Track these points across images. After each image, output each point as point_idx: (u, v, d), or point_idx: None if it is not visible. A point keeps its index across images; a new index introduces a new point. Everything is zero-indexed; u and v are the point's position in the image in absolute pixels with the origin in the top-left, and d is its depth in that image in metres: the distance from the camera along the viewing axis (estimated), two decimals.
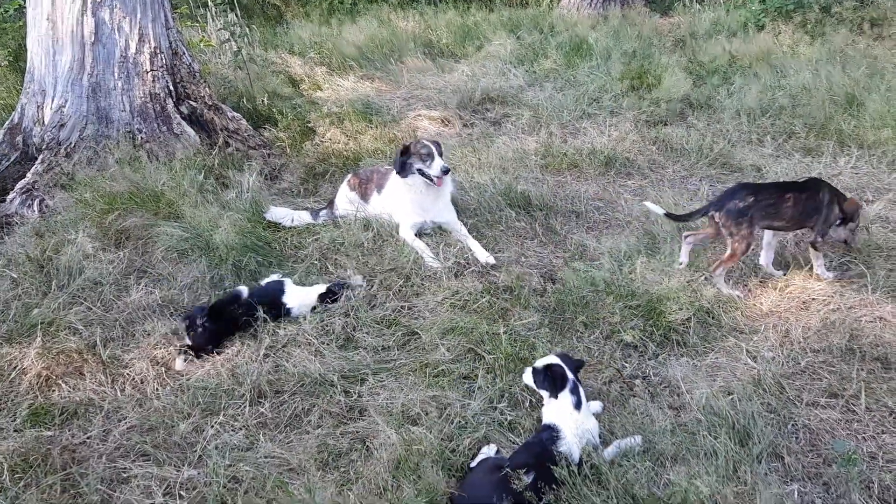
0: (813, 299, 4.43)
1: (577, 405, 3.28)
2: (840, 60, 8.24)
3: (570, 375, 3.37)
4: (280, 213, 5.45)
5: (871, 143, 6.43)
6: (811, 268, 4.68)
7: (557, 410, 3.29)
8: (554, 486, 2.94)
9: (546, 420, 3.30)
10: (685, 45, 9.80)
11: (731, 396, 3.56)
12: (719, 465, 3.09)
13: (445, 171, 5.01)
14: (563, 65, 9.02)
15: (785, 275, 4.67)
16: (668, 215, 4.82)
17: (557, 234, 5.34)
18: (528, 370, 3.51)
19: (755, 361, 3.89)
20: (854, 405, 3.56)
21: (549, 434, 3.17)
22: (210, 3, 8.93)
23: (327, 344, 4.11)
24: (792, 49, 9.01)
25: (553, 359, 3.46)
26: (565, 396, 3.31)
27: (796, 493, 3.04)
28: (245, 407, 3.67)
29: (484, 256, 4.92)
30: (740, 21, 10.25)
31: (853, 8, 10.01)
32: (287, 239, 5.19)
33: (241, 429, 3.54)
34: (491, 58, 9.52)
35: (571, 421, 3.21)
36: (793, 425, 3.46)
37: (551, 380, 3.37)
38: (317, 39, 9.83)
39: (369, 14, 11.15)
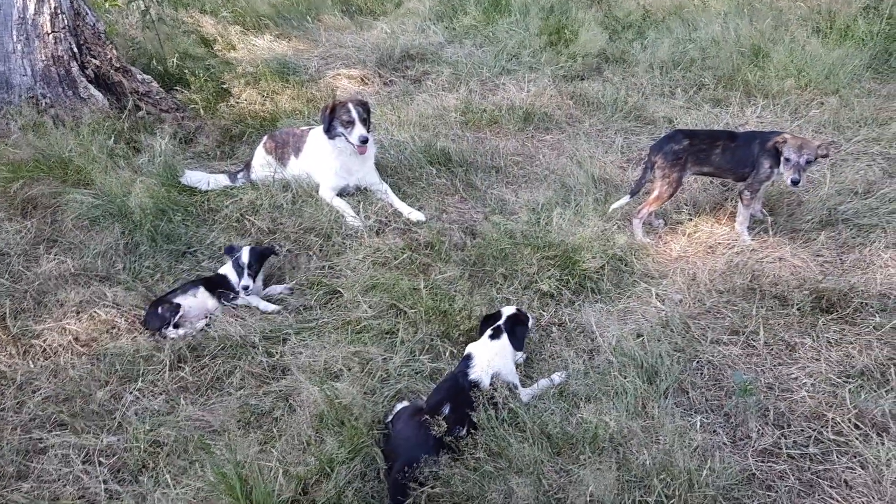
0: (719, 244, 4.65)
1: (492, 337, 3.48)
2: (748, 13, 8.48)
3: (502, 318, 3.58)
4: (196, 177, 5.34)
5: (775, 92, 6.69)
6: (719, 212, 4.90)
7: (476, 343, 3.49)
8: (468, 413, 3.10)
9: (466, 350, 3.48)
10: (601, 0, 9.89)
11: (640, 338, 3.74)
12: (628, 402, 3.26)
13: (364, 141, 4.95)
14: (482, 21, 9.00)
15: (764, 218, 4.84)
16: (630, 195, 4.91)
17: (478, 190, 5.41)
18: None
19: (664, 304, 4.08)
20: (754, 341, 3.79)
21: (463, 364, 3.35)
22: None
23: (251, 309, 4.11)
24: (703, 3, 9.20)
25: (509, 309, 3.67)
26: (487, 334, 3.49)
27: (699, 423, 3.23)
28: (165, 372, 3.64)
29: (412, 214, 4.97)
30: None
31: None
32: (204, 203, 5.10)
33: (161, 394, 3.53)
34: (410, 15, 9.42)
35: (486, 351, 3.39)
36: (697, 362, 3.66)
37: (487, 322, 3.61)
38: None
39: None
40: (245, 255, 4.17)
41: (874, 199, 4.87)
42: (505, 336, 3.50)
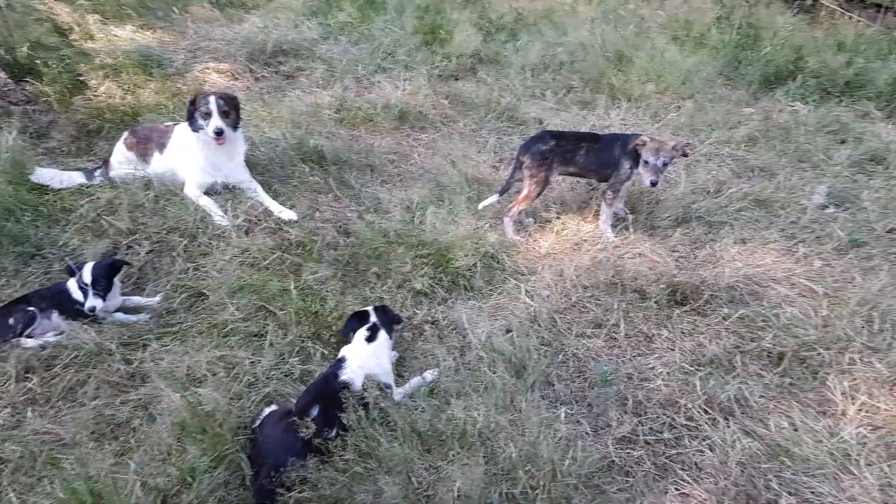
0: (584, 241, 4.83)
1: (368, 340, 3.41)
2: (613, 20, 8.88)
3: (371, 318, 3.50)
4: (47, 175, 4.99)
5: (637, 96, 7.03)
6: (585, 211, 5.10)
7: (351, 345, 3.44)
8: (338, 414, 3.07)
9: (340, 354, 3.43)
10: (476, 1, 10.05)
11: (510, 334, 3.83)
12: (497, 396, 3.34)
13: (218, 133, 4.77)
14: (357, 18, 8.93)
15: (626, 217, 5.03)
16: (499, 194, 4.97)
17: (352, 188, 5.36)
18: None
19: (532, 300, 4.19)
20: (615, 333, 3.97)
21: (334, 366, 3.31)
22: None
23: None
24: (572, 7, 9.57)
25: (368, 307, 3.62)
26: (360, 333, 3.45)
27: (563, 414, 3.34)
28: (10, 384, 3.38)
29: (284, 213, 4.87)
30: None
31: None
32: (56, 202, 4.77)
33: (5, 407, 3.27)
34: (283, 9, 9.21)
35: (360, 353, 3.35)
36: (563, 355, 3.79)
37: (356, 321, 3.56)
38: None
39: None
40: (87, 274, 3.75)
41: (723, 198, 5.22)
42: (382, 334, 3.48)
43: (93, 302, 3.75)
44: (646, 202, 5.28)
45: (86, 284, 3.76)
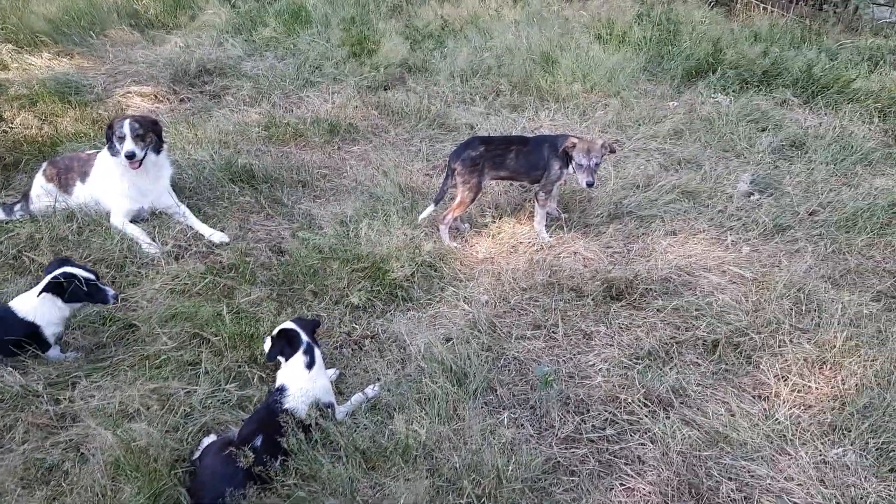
0: (521, 243, 4.87)
1: (310, 365, 3.30)
2: (537, 22, 8.98)
3: (304, 338, 3.37)
4: None
5: (565, 96, 7.12)
6: (520, 214, 5.14)
7: (290, 371, 3.30)
8: (281, 444, 2.98)
9: (278, 382, 3.30)
10: (402, 10, 10.06)
11: (450, 342, 3.82)
12: (439, 406, 3.32)
13: (130, 156, 4.64)
14: (282, 33, 8.84)
15: (559, 216, 5.09)
16: (434, 203, 4.95)
17: (284, 206, 5.29)
18: (268, 339, 3.46)
19: (471, 306, 4.19)
20: (555, 333, 4.00)
21: (276, 395, 3.19)
22: None
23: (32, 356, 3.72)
24: (497, 12, 9.64)
25: (289, 323, 3.44)
26: (298, 357, 3.32)
27: (506, 419, 3.35)
28: None
29: (214, 236, 4.78)
30: None
31: None
32: None
33: None
34: (206, 28, 9.05)
35: (301, 380, 3.23)
36: (504, 359, 3.80)
37: (285, 343, 3.36)
38: None
39: None
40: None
41: (653, 192, 5.32)
42: (318, 355, 3.39)
43: None
44: (578, 201, 5.34)
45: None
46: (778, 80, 7.45)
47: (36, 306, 3.61)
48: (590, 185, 4.62)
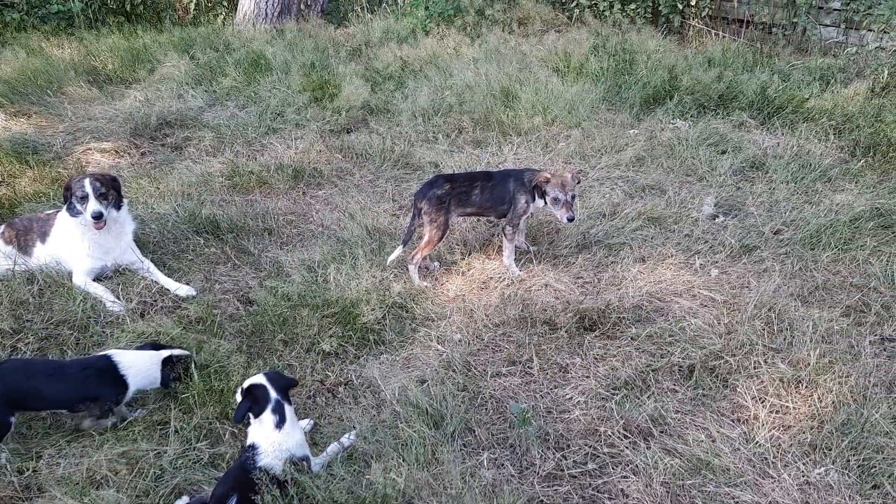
0: (491, 278, 4.85)
1: (279, 424, 3.20)
2: (496, 58, 9.10)
3: (272, 395, 3.27)
4: None
5: (526, 130, 7.18)
6: (489, 249, 5.13)
7: (259, 430, 3.20)
8: (255, 501, 2.89)
9: (249, 440, 3.20)
10: (361, 53, 10.14)
11: (424, 384, 3.76)
12: (417, 452, 3.25)
13: (97, 216, 4.57)
14: (243, 82, 8.84)
15: (528, 250, 5.08)
16: (403, 244, 4.91)
17: (251, 255, 5.22)
18: (239, 391, 3.36)
19: (444, 346, 4.14)
20: (530, 368, 3.96)
21: (249, 454, 3.09)
22: None
23: None
24: (455, 51, 9.75)
25: (259, 378, 3.33)
26: (267, 416, 3.22)
27: (486, 460, 3.29)
28: None
29: (181, 289, 4.70)
30: (408, 28, 10.86)
31: (503, 10, 11.16)
32: None
33: None
34: (165, 80, 9.00)
35: (271, 437, 3.14)
36: (481, 398, 3.75)
37: (252, 401, 3.26)
38: None
39: (16, 44, 9.92)
40: None
41: (619, 220, 5.35)
42: (288, 411, 3.28)
43: None
44: (546, 232, 5.36)
45: None
46: (734, 103, 7.59)
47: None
48: (570, 220, 4.60)
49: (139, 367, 3.65)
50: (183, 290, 4.70)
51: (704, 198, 5.71)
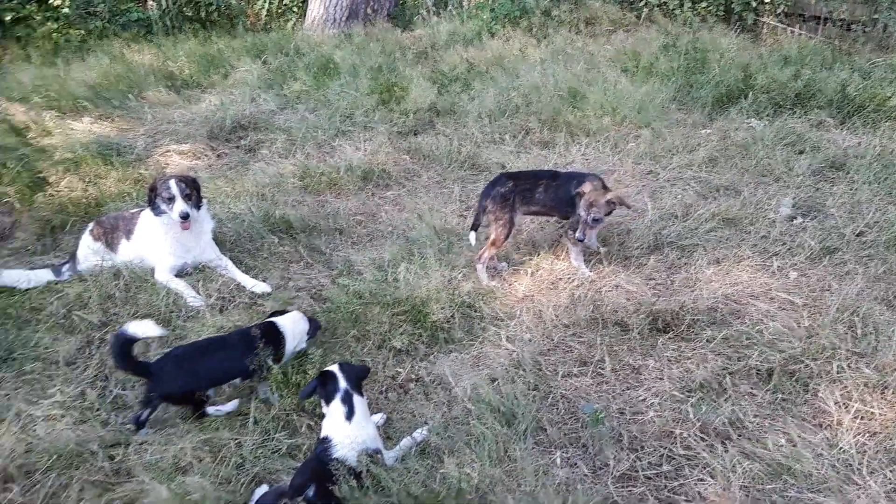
0: (560, 279, 4.82)
1: (348, 416, 3.26)
2: (562, 59, 9.06)
3: (342, 384, 3.34)
4: (14, 277, 4.91)
5: (595, 130, 7.13)
6: (557, 249, 5.11)
7: (331, 422, 3.28)
8: (334, 493, 2.94)
9: (323, 432, 3.28)
10: (427, 56, 10.22)
11: (495, 382, 3.78)
12: (489, 448, 3.26)
13: (184, 217, 4.76)
14: (312, 86, 9.03)
15: (598, 250, 5.06)
16: (473, 228, 4.98)
17: (323, 254, 5.33)
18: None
19: (514, 345, 4.15)
20: (602, 369, 3.93)
21: (323, 446, 3.17)
22: None
23: (84, 411, 3.76)
24: (521, 52, 9.74)
25: (331, 367, 3.43)
26: (336, 406, 3.29)
27: (559, 458, 3.28)
28: None
29: (257, 286, 4.83)
30: (474, 30, 10.89)
31: (570, 10, 11.07)
32: (24, 302, 4.68)
33: None
34: (239, 85, 9.28)
35: (343, 430, 3.21)
36: (552, 398, 3.74)
37: (320, 384, 3.37)
38: (40, 82, 8.98)
39: (99, 50, 10.38)
40: None
41: (692, 221, 5.26)
42: (358, 403, 3.33)
43: None
44: (616, 234, 5.30)
45: None
46: (812, 101, 7.37)
47: None
48: (580, 240, 4.60)
49: (291, 324, 4.00)
50: (259, 287, 4.83)
51: (782, 199, 5.56)
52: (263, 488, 3.21)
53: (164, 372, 3.61)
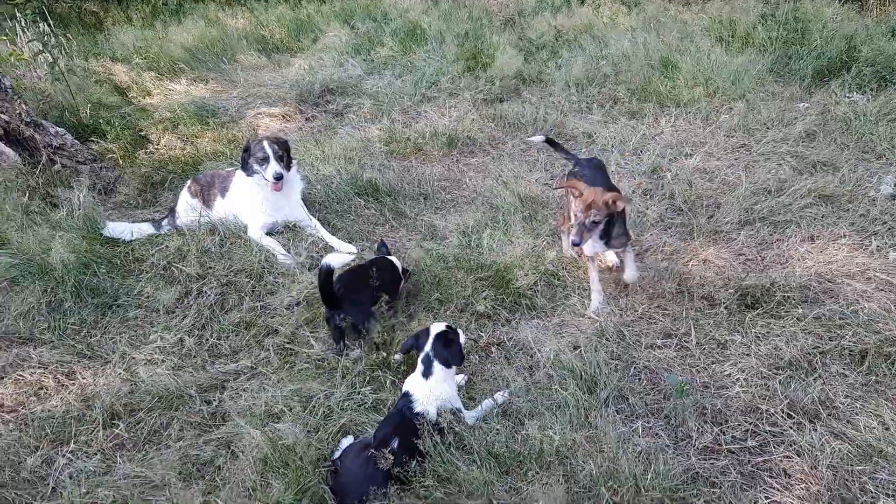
0: (645, 250, 4.76)
1: (425, 374, 3.37)
2: (654, 27, 8.82)
3: (427, 346, 3.44)
4: (119, 228, 5.19)
5: (686, 101, 6.95)
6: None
7: (412, 379, 3.42)
8: (416, 443, 3.06)
9: (405, 387, 3.41)
10: (514, 23, 10.13)
11: (578, 350, 3.79)
12: (571, 414, 3.30)
13: (278, 178, 4.92)
14: (399, 51, 9.09)
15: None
16: (547, 141, 5.05)
17: (407, 218, 5.42)
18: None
19: (597, 314, 4.13)
20: (686, 342, 3.89)
21: (405, 401, 3.29)
22: (17, 13, 8.27)
23: (182, 357, 3.98)
24: (611, 20, 9.54)
25: (433, 326, 3.54)
26: (418, 365, 3.42)
27: (640, 428, 3.29)
28: (98, 431, 3.50)
29: (344, 247, 4.95)
30: None
31: None
32: (128, 253, 4.95)
33: (95, 454, 3.38)
34: (327, 49, 9.43)
35: (422, 387, 3.32)
36: (635, 368, 3.73)
37: (414, 342, 3.54)
38: (141, 44, 9.35)
39: (195, 14, 10.72)
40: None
41: (786, 196, 5.09)
42: (437, 366, 3.40)
43: None
44: (705, 206, 5.18)
45: None
46: None
47: None
48: (575, 244, 3.94)
49: (397, 261, 4.46)
50: (346, 247, 4.96)
51: (884, 176, 5.32)
52: (349, 439, 3.34)
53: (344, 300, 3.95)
